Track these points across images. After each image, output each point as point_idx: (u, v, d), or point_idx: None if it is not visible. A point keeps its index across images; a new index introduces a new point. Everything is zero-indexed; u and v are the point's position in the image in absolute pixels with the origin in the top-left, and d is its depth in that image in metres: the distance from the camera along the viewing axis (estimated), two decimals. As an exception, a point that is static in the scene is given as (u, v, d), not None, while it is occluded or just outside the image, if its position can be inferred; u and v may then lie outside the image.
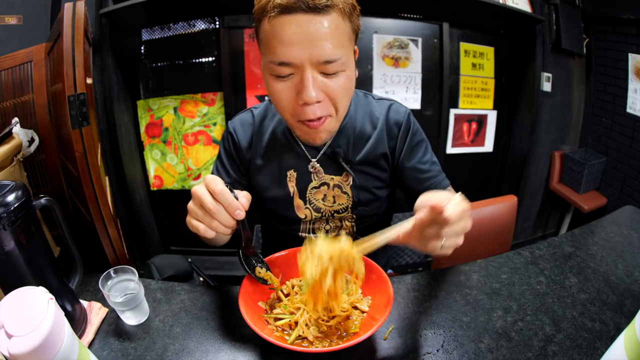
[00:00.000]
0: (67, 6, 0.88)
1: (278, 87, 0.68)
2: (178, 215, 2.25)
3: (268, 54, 0.66)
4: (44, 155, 0.95)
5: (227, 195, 0.57)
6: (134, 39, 1.92)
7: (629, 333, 0.47)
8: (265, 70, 0.70)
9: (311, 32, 0.62)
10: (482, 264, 0.85)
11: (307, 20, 0.62)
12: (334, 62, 0.64)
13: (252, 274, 0.69)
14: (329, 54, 0.64)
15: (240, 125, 0.89)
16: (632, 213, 1.05)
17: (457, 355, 0.62)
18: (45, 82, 0.94)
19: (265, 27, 0.65)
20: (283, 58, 0.64)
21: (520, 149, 2.30)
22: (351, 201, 0.86)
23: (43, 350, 0.44)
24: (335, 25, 0.64)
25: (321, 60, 0.64)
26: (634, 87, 2.04)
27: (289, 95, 0.68)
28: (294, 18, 0.62)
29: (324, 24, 0.62)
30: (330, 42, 0.63)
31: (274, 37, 0.64)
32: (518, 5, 1.97)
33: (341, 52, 0.65)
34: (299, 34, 0.62)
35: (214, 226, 0.58)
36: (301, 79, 0.65)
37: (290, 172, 0.85)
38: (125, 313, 0.69)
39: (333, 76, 0.67)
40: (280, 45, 0.63)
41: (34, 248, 0.61)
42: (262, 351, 0.63)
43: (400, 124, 0.85)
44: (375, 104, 0.88)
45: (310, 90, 0.65)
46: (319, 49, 0.63)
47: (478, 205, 1.25)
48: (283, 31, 0.62)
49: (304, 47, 0.63)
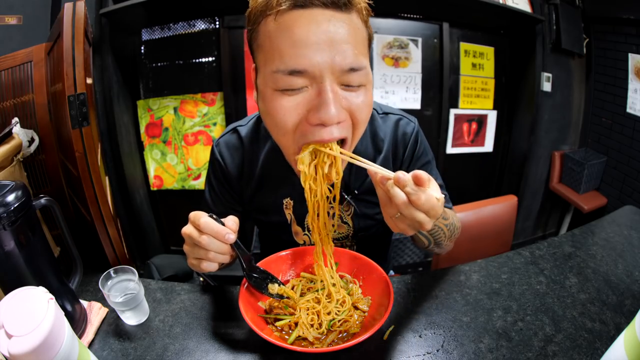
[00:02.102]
0: (67, 6, 0.88)
1: (284, 104, 0.54)
2: (178, 215, 2.26)
3: (273, 61, 0.53)
4: (44, 155, 0.95)
5: (212, 224, 0.57)
6: (134, 39, 1.92)
7: (629, 333, 0.47)
8: (265, 85, 0.56)
9: (332, 31, 0.51)
10: (482, 264, 0.85)
11: (327, 17, 0.51)
12: (358, 70, 0.54)
13: (266, 293, 0.67)
14: (353, 60, 0.52)
15: (226, 149, 0.80)
16: (632, 213, 1.05)
17: (457, 355, 0.62)
18: (45, 82, 0.94)
19: (269, 28, 0.53)
20: (296, 65, 0.51)
21: (520, 149, 2.30)
22: (352, 230, 0.82)
23: (43, 350, 0.44)
24: (356, 27, 0.54)
25: (345, 67, 0.52)
26: (634, 87, 2.04)
27: (299, 114, 0.55)
28: (310, 13, 0.51)
29: (346, 23, 0.52)
30: (354, 46, 0.53)
31: (283, 37, 0.51)
32: (518, 5, 1.98)
33: (365, 59, 0.55)
34: (317, 33, 0.50)
35: (210, 258, 0.58)
36: (318, 93, 0.53)
37: (286, 200, 0.79)
38: (125, 313, 0.69)
39: (355, 90, 0.55)
40: (292, 48, 0.51)
41: (34, 248, 0.61)
42: (262, 351, 0.63)
43: (407, 145, 0.78)
44: (379, 121, 0.78)
45: (332, 106, 0.52)
46: (343, 53, 0.51)
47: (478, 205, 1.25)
48: (297, 29, 0.51)
49: (324, 50, 0.51)
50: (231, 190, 0.83)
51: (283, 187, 0.78)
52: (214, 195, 0.84)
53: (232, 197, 0.83)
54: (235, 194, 0.83)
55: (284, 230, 0.83)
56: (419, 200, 0.48)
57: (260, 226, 0.90)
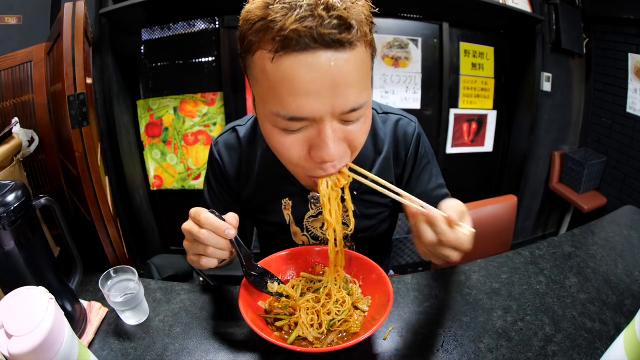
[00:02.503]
0: (67, 6, 0.88)
1: (285, 142, 0.54)
2: (178, 215, 2.25)
3: (272, 104, 0.51)
4: (44, 155, 0.95)
5: (213, 219, 0.57)
6: (134, 39, 1.92)
7: (629, 333, 0.47)
8: (264, 119, 0.55)
9: (335, 76, 0.47)
10: (482, 264, 0.85)
11: (328, 61, 0.46)
12: (360, 108, 0.52)
13: (266, 292, 0.67)
14: (356, 101, 0.50)
15: (225, 149, 0.80)
16: (632, 213, 1.05)
17: (457, 355, 0.62)
18: (45, 82, 0.94)
19: (266, 67, 0.48)
20: (297, 113, 0.49)
21: (520, 149, 2.30)
22: (352, 231, 0.80)
23: (43, 350, 0.44)
24: (361, 61, 0.50)
25: (346, 110, 0.50)
26: (634, 87, 2.04)
27: (300, 150, 0.55)
28: (311, 58, 0.46)
29: (350, 63, 0.48)
30: (357, 86, 0.50)
31: (282, 84, 0.48)
32: (518, 5, 1.98)
33: (367, 92, 0.53)
34: (319, 80, 0.47)
35: (210, 253, 0.58)
36: (318, 133, 0.52)
37: (285, 201, 0.79)
38: (125, 313, 0.69)
39: (354, 122, 0.54)
40: (292, 97, 0.48)
41: (34, 248, 0.61)
42: (262, 351, 0.63)
43: (409, 147, 0.77)
44: (379, 121, 0.77)
45: (331, 147, 0.52)
46: (345, 97, 0.49)
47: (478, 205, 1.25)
48: (297, 77, 0.47)
49: (326, 97, 0.48)
50: (229, 190, 0.83)
51: (281, 187, 0.78)
52: (212, 194, 0.84)
53: (230, 197, 0.83)
54: (233, 194, 0.83)
55: (283, 231, 0.83)
56: (449, 242, 0.51)
57: (259, 226, 0.90)
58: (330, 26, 0.45)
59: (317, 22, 0.45)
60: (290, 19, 0.45)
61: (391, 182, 0.77)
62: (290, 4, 0.46)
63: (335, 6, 0.46)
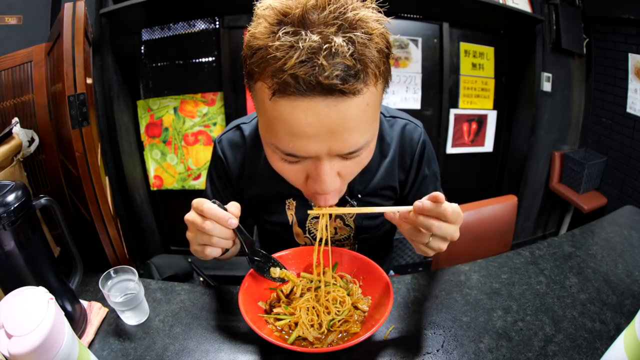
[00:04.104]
0: (67, 6, 0.88)
1: (284, 168, 0.55)
2: (178, 215, 2.24)
3: (271, 136, 0.51)
4: (44, 155, 0.95)
5: (215, 209, 0.57)
6: (134, 39, 1.92)
7: (629, 333, 0.47)
8: (265, 144, 0.55)
9: (334, 123, 0.45)
10: (482, 264, 0.85)
11: (328, 108, 0.44)
12: (358, 150, 0.51)
13: (268, 277, 0.68)
14: (354, 144, 0.49)
15: (229, 147, 0.79)
16: (632, 213, 1.05)
17: (457, 355, 0.62)
18: (45, 82, 0.94)
19: (265, 101, 0.47)
20: (292, 151, 0.50)
21: (520, 149, 2.30)
22: (353, 232, 0.82)
23: (43, 350, 0.44)
24: (366, 104, 0.47)
25: (343, 152, 0.50)
26: (634, 87, 2.04)
27: (298, 176, 0.56)
28: (309, 104, 0.44)
29: (353, 109, 0.45)
30: (358, 130, 0.48)
31: (279, 123, 0.47)
32: (518, 5, 1.97)
33: (370, 131, 0.51)
34: (316, 126, 0.45)
35: (214, 243, 0.59)
36: (315, 168, 0.52)
37: (289, 201, 0.79)
38: (125, 313, 0.69)
39: (354, 158, 0.53)
40: (289, 137, 0.48)
41: (34, 248, 0.61)
42: (262, 351, 0.63)
43: (414, 152, 0.77)
44: (386, 124, 0.76)
45: (326, 182, 0.52)
46: (342, 142, 0.48)
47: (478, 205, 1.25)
48: (294, 121, 0.45)
49: (322, 140, 0.47)
50: (232, 188, 0.83)
51: (285, 187, 0.77)
52: (215, 191, 0.84)
53: (232, 195, 0.83)
54: (235, 192, 0.83)
55: (285, 231, 0.83)
56: (448, 215, 0.52)
57: (261, 225, 0.90)
58: (333, 76, 0.42)
59: (318, 70, 0.41)
60: (290, 62, 0.41)
61: (394, 186, 0.79)
62: (293, 40, 0.42)
63: (341, 51, 0.42)
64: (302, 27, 0.42)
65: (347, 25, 0.43)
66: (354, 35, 0.42)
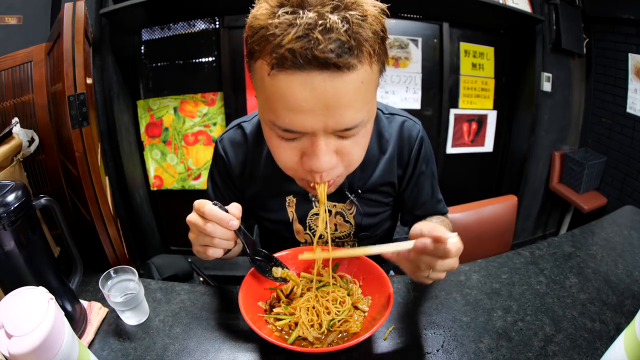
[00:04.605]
0: (67, 6, 0.88)
1: (280, 146, 0.56)
2: (178, 215, 2.25)
3: (269, 113, 0.52)
4: (44, 155, 0.95)
5: (216, 211, 0.58)
6: (134, 39, 1.92)
7: (629, 333, 0.47)
8: (264, 123, 0.57)
9: (329, 97, 0.47)
10: (482, 264, 0.85)
11: (323, 82, 0.46)
12: (354, 127, 0.52)
13: (270, 277, 0.68)
14: (350, 121, 0.50)
15: (230, 145, 0.80)
16: (632, 213, 1.05)
17: (457, 355, 0.62)
18: (45, 82, 0.94)
19: (264, 78, 0.49)
20: (290, 127, 0.51)
21: (520, 149, 2.30)
22: (354, 229, 0.82)
23: (43, 350, 0.44)
24: (361, 82, 0.48)
25: (339, 129, 0.51)
26: (634, 87, 2.04)
27: (294, 156, 0.56)
28: (305, 78, 0.46)
29: (347, 85, 0.47)
30: (353, 107, 0.49)
31: (277, 98, 0.49)
32: (518, 5, 1.98)
33: (365, 111, 0.52)
34: (312, 100, 0.47)
35: (216, 244, 0.60)
36: (311, 144, 0.53)
37: (289, 198, 0.79)
38: (125, 313, 0.69)
39: (350, 137, 0.54)
40: (286, 112, 0.49)
41: (34, 248, 0.61)
42: (262, 351, 0.63)
43: (412, 148, 0.78)
44: (384, 121, 0.77)
45: (321, 159, 0.53)
46: (338, 118, 0.49)
47: (478, 205, 1.25)
48: (290, 95, 0.47)
49: (318, 115, 0.48)
50: (233, 187, 0.83)
51: (286, 185, 0.78)
52: (217, 191, 0.84)
53: (234, 194, 0.84)
54: (237, 191, 0.84)
55: (285, 228, 0.83)
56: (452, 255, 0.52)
57: (262, 224, 0.90)
58: (327, 50, 0.44)
59: (313, 44, 0.43)
60: (287, 37, 0.44)
61: (393, 182, 0.79)
62: (291, 18, 0.44)
63: (336, 27, 0.44)
64: (301, 7, 0.45)
65: (343, 6, 0.45)
66: (348, 15, 0.45)
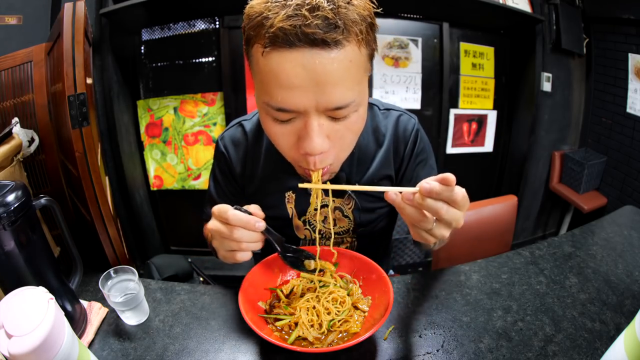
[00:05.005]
0: (67, 6, 0.88)
1: (276, 130, 0.58)
2: (178, 215, 2.26)
3: (263, 94, 0.55)
4: (44, 155, 0.95)
5: (241, 215, 0.58)
6: (134, 39, 1.91)
7: (629, 333, 0.47)
8: (260, 107, 0.59)
9: (319, 74, 0.49)
10: (482, 264, 0.85)
11: (312, 58, 0.48)
12: (345, 107, 0.53)
13: (304, 270, 0.70)
14: (340, 99, 0.52)
15: (231, 143, 0.82)
16: (632, 213, 1.05)
17: (457, 355, 0.62)
18: (45, 82, 0.94)
19: (258, 60, 0.52)
20: (282, 105, 0.52)
21: (520, 149, 2.30)
22: (352, 224, 0.82)
23: (43, 350, 0.44)
24: (349, 60, 0.51)
25: (330, 107, 0.52)
26: (634, 87, 2.04)
27: (290, 140, 0.58)
28: (296, 55, 0.48)
29: (336, 62, 0.49)
30: (343, 85, 0.51)
31: (270, 77, 0.51)
32: (518, 5, 1.97)
33: (355, 91, 0.54)
34: (302, 76, 0.49)
35: (243, 248, 0.60)
36: (304, 125, 0.54)
37: (288, 194, 0.80)
38: (125, 313, 0.69)
39: (343, 119, 0.55)
40: (278, 89, 0.51)
41: (34, 248, 0.61)
42: (262, 351, 0.63)
43: (407, 141, 0.79)
44: (380, 116, 0.79)
45: (315, 141, 0.54)
46: (329, 95, 0.51)
47: (478, 205, 1.25)
48: (282, 72, 0.50)
49: (309, 92, 0.50)
50: (235, 184, 0.84)
51: (285, 180, 0.79)
52: (219, 189, 0.85)
53: (236, 192, 0.85)
54: (239, 188, 0.85)
55: (285, 225, 0.84)
56: (458, 201, 0.48)
57: None
58: (314, 25, 0.47)
59: (302, 21, 0.47)
60: (279, 17, 0.47)
61: (390, 175, 0.80)
62: (283, 2, 0.48)
63: (321, 6, 0.47)
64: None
65: None
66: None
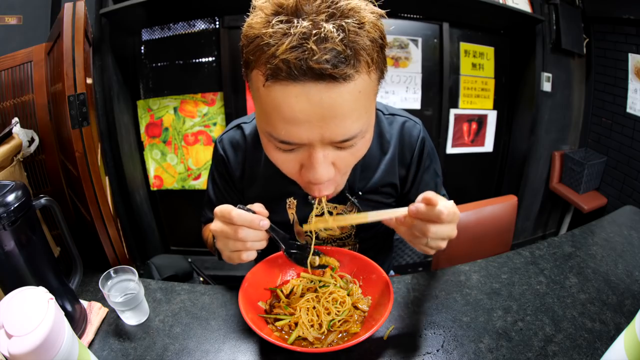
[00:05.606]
0: (67, 6, 0.88)
1: (279, 157, 0.55)
2: (178, 215, 2.25)
3: (265, 124, 0.51)
4: (44, 155, 0.95)
5: (245, 215, 0.57)
6: (134, 39, 1.92)
7: (629, 333, 0.47)
8: (262, 134, 0.56)
9: (326, 108, 0.46)
10: (482, 264, 0.85)
11: (319, 93, 0.45)
12: (352, 139, 0.51)
13: (310, 267, 0.69)
14: (347, 132, 0.49)
15: (230, 146, 0.80)
16: (632, 213, 1.05)
17: (457, 355, 0.62)
18: (45, 82, 0.94)
19: (259, 88, 0.48)
20: (286, 139, 0.50)
21: (520, 149, 2.30)
22: (354, 230, 0.82)
23: (43, 350, 0.44)
24: (358, 91, 0.47)
25: (337, 140, 0.50)
26: (634, 87, 2.04)
27: (293, 166, 0.56)
28: (301, 89, 0.44)
29: (343, 96, 0.46)
30: (350, 117, 0.48)
31: (272, 110, 0.48)
32: (518, 5, 1.97)
33: (363, 120, 0.51)
34: (307, 111, 0.46)
35: (249, 247, 0.60)
36: (309, 156, 0.52)
37: (289, 200, 0.79)
38: (125, 313, 0.69)
39: (349, 147, 0.53)
40: (282, 123, 0.48)
41: (34, 248, 0.61)
42: (262, 351, 0.63)
43: (414, 149, 0.77)
44: (385, 122, 0.77)
45: (319, 172, 0.52)
46: (335, 128, 0.48)
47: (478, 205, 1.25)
48: (286, 106, 0.46)
49: (314, 126, 0.47)
50: (234, 187, 0.83)
51: (286, 186, 0.77)
52: (217, 192, 0.84)
53: (235, 194, 0.84)
54: (237, 191, 0.84)
55: (285, 231, 0.82)
56: (443, 218, 0.51)
57: None
58: (322, 60, 0.42)
59: (308, 55, 0.42)
60: (282, 47, 0.43)
61: (395, 183, 0.79)
62: (285, 28, 0.43)
63: (331, 37, 0.42)
64: (295, 16, 0.44)
65: (339, 14, 0.44)
66: (344, 23, 0.43)
